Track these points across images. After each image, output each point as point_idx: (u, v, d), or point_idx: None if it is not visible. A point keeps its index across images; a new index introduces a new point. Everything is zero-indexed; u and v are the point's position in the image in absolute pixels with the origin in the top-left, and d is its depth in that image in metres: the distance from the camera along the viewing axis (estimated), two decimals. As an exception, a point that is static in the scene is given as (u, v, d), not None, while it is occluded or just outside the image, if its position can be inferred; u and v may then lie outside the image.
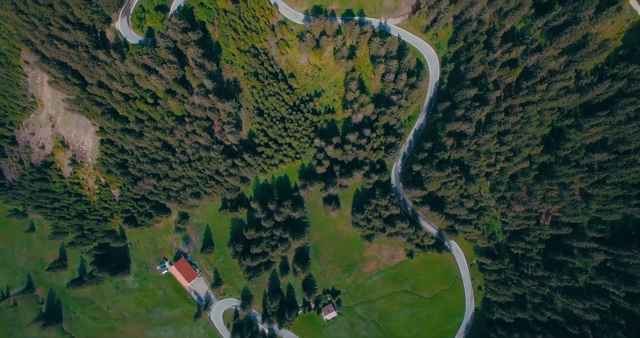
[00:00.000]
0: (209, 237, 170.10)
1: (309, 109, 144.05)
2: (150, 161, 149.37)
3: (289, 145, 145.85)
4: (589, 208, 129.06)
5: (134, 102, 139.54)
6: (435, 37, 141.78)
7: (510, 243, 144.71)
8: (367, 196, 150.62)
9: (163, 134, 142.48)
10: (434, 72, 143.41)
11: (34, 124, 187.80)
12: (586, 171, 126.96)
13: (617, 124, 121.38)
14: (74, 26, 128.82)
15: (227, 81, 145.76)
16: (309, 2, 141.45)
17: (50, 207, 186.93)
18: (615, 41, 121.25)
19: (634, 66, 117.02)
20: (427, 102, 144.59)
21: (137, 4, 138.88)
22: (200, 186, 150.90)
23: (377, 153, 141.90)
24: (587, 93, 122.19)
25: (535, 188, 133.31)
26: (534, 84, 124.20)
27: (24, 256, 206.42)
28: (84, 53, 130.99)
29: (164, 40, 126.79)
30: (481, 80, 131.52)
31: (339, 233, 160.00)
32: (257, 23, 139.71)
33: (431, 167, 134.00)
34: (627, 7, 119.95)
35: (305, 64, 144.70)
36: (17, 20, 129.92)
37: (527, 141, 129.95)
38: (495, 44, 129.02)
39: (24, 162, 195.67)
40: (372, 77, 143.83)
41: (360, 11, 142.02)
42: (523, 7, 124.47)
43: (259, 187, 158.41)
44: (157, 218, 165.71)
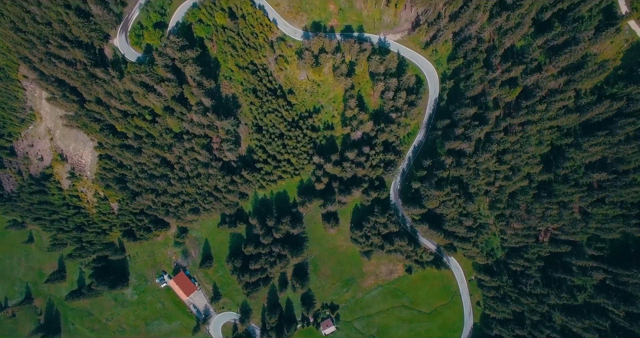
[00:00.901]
0: (207, 251, 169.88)
1: (307, 126, 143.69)
2: (149, 176, 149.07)
3: (287, 161, 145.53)
4: (588, 226, 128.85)
5: (132, 119, 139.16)
6: (434, 54, 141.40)
7: (509, 259, 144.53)
8: (366, 212, 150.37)
9: (161, 151, 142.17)
10: (434, 89, 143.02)
11: (33, 136, 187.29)
12: (585, 191, 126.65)
13: (617, 143, 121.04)
14: (72, 44, 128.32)
15: (226, 97, 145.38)
16: (308, 18, 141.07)
17: (49, 219, 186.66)
18: (615, 61, 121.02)
19: (633, 86, 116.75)
20: (426, 118, 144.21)
21: (135, 20, 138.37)
22: (199, 202, 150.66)
23: (376, 170, 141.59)
24: (586, 113, 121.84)
25: (535, 206, 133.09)
26: (533, 104, 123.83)
27: (23, 267, 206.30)
28: (82, 71, 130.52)
29: (162, 59, 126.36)
30: (481, 98, 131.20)
31: (338, 248, 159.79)
32: (255, 39, 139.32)
33: (430, 185, 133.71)
34: (626, 27, 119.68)
35: (304, 80, 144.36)
36: (16, 38, 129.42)
37: (526, 160, 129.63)
38: (495, 63, 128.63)
39: (22, 173, 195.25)
40: (371, 93, 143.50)
41: (360, 27, 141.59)
42: (523, 26, 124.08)
43: (258, 202, 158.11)
44: (155, 232, 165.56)
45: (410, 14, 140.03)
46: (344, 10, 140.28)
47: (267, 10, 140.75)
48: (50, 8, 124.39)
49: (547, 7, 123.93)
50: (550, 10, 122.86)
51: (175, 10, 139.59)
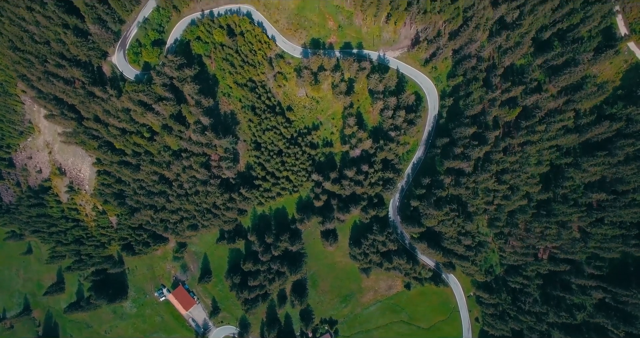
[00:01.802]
0: (206, 266, 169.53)
1: (306, 143, 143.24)
2: (147, 193, 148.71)
3: (286, 178, 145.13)
4: (587, 246, 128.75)
5: (130, 137, 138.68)
6: (434, 71, 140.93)
7: (507, 276, 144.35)
8: (365, 229, 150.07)
9: (160, 168, 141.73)
10: (433, 106, 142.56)
11: (31, 148, 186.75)
12: (585, 210, 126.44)
13: (616, 164, 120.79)
14: (70, 63, 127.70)
15: (224, 113, 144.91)
16: (307, 35, 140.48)
17: (48, 232, 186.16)
18: (614, 82, 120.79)
19: (632, 107, 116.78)
20: (425, 135, 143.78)
21: (133, 38, 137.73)
22: (198, 219, 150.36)
23: (375, 188, 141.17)
24: (586, 133, 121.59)
25: (533, 225, 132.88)
26: (533, 124, 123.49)
27: (21, 278, 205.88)
28: (80, 89, 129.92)
29: (160, 78, 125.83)
30: (480, 117, 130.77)
31: (337, 263, 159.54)
32: (254, 56, 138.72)
33: (429, 204, 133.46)
34: (625, 49, 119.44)
35: (303, 96, 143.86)
36: (14, 57, 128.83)
37: (525, 180, 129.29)
38: (494, 82, 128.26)
39: (21, 184, 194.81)
40: (371, 110, 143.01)
41: (359, 44, 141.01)
42: (522, 46, 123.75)
43: (257, 218, 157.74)
44: (154, 247, 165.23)
45: (409, 31, 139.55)
46: (343, 27, 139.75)
47: (266, 27, 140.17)
48: (49, 27, 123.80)
49: (547, 26, 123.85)
50: (550, 30, 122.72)
51: (174, 28, 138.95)
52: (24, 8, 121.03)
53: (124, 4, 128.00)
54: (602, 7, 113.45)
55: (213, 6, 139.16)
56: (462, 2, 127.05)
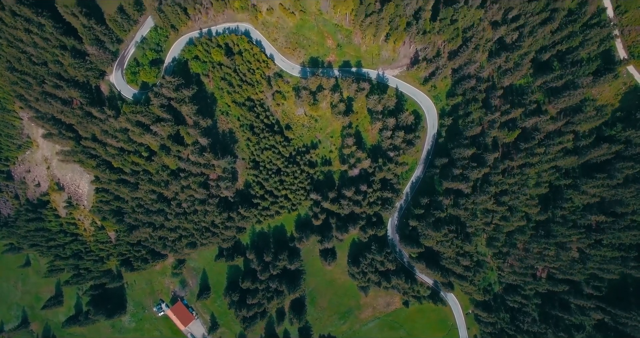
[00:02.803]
0: (205, 281, 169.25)
1: (305, 161, 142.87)
2: (146, 211, 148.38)
3: (284, 197, 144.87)
4: (585, 268, 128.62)
5: (128, 156, 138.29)
6: (433, 89, 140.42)
7: (506, 295, 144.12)
8: (363, 246, 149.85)
9: (158, 187, 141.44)
10: (432, 124, 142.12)
11: (30, 162, 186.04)
12: (584, 232, 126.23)
13: (615, 186, 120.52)
14: (67, 83, 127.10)
15: (223, 132, 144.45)
16: (306, 53, 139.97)
17: (46, 245, 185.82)
18: (613, 106, 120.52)
19: (631, 130, 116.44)
20: (424, 154, 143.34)
21: (131, 57, 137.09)
22: (196, 237, 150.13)
23: (374, 207, 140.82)
24: (585, 155, 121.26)
25: (532, 246, 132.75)
26: (532, 147, 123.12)
27: (19, 291, 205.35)
28: (78, 110, 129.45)
29: (158, 99, 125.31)
30: (479, 138, 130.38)
31: (335, 280, 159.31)
32: (252, 75, 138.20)
33: (427, 225, 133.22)
34: (624, 71, 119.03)
35: (302, 115, 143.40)
36: (12, 77, 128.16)
37: (524, 201, 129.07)
38: (494, 103, 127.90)
39: (19, 197, 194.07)
40: (370, 128, 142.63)
41: (358, 62, 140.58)
42: (522, 68, 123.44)
43: (255, 235, 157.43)
44: (153, 264, 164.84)
45: (409, 50, 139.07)
46: (342, 45, 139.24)
47: (264, 45, 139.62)
48: (46, 49, 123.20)
49: (547, 47, 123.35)
50: (549, 51, 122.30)
51: (172, 46, 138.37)
52: (22, 30, 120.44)
53: (121, 24, 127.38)
54: (601, 31, 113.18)
55: (211, 25, 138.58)
56: (461, 22, 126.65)
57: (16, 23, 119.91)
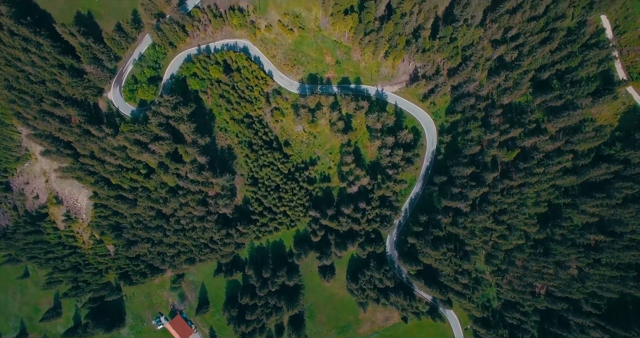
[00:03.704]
0: (204, 295, 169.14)
1: (304, 178, 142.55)
2: (144, 227, 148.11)
3: (283, 214, 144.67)
4: (584, 286, 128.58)
5: (126, 173, 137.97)
6: (432, 106, 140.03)
7: (505, 312, 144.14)
8: (362, 262, 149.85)
9: (157, 204, 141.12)
10: (431, 141, 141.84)
11: (28, 173, 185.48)
12: (582, 251, 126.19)
13: (614, 206, 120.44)
14: (66, 101, 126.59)
15: (221, 148, 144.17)
16: (305, 70, 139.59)
17: (44, 258, 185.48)
18: (612, 126, 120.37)
19: (630, 150, 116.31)
20: (423, 171, 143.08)
21: (129, 74, 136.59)
22: (195, 253, 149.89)
23: (372, 224, 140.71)
24: (584, 175, 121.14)
25: (531, 264, 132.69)
26: (531, 167, 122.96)
27: (18, 302, 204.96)
28: (76, 128, 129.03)
29: (156, 118, 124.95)
30: (478, 157, 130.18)
31: (334, 295, 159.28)
32: (250, 92, 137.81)
33: (426, 243, 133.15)
34: (623, 91, 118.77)
35: (300, 131, 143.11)
36: (9, 96, 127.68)
37: (523, 220, 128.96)
38: (493, 122, 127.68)
39: (18, 209, 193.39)
40: (369, 144, 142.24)
41: (357, 79, 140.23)
42: (521, 86, 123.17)
43: (254, 250, 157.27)
44: (151, 278, 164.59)
45: (408, 67, 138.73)
46: (341, 62, 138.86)
47: (263, 61, 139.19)
48: (44, 68, 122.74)
49: (546, 66, 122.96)
50: (549, 70, 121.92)
51: (170, 63, 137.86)
52: (20, 49, 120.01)
53: (119, 42, 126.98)
54: (600, 53, 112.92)
55: (209, 41, 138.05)
56: (460, 41, 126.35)
57: (14, 42, 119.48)
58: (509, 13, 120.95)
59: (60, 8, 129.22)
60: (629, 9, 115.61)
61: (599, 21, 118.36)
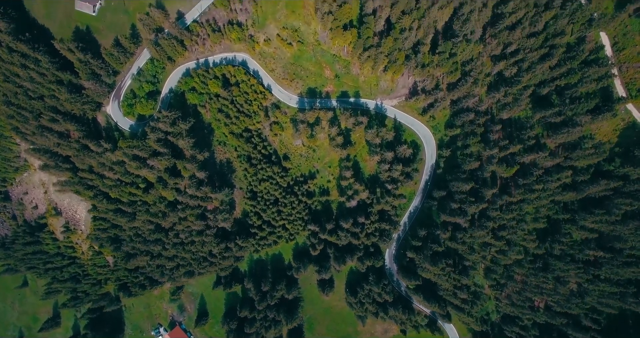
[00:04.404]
0: (203, 307, 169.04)
1: (302, 192, 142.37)
2: (143, 240, 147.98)
3: (282, 227, 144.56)
4: (584, 302, 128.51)
5: (125, 187, 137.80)
6: (432, 120, 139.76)
7: (504, 325, 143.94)
8: (361, 275, 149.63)
9: (156, 218, 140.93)
10: (431, 154, 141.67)
11: (27, 183, 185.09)
12: (582, 267, 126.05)
13: (614, 222, 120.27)
14: (64, 117, 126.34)
15: (220, 162, 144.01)
16: (304, 84, 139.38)
17: (43, 268, 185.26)
18: (611, 144, 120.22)
19: (629, 167, 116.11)
20: (423, 184, 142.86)
21: (127, 88, 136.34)
22: (194, 266, 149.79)
23: (371, 238, 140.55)
24: (584, 191, 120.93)
25: (530, 279, 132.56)
26: (530, 183, 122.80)
27: (16, 311, 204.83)
28: (75, 143, 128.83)
29: (155, 134, 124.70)
30: (477, 172, 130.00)
31: (333, 307, 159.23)
32: (249, 106, 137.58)
33: (425, 258, 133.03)
34: (622, 108, 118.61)
35: (300, 145, 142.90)
36: (8, 111, 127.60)
37: (522, 236, 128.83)
38: (492, 138, 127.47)
39: (17, 218, 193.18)
40: (368, 158, 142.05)
41: (356, 93, 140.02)
42: (521, 102, 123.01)
43: (253, 262, 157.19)
44: (150, 290, 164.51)
45: (407, 81, 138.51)
46: (340, 76, 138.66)
47: (262, 75, 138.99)
48: (42, 84, 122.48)
49: (546, 82, 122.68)
50: (548, 86, 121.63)
51: (168, 77, 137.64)
52: (18, 65, 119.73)
53: (117, 57, 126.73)
54: (599, 70, 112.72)
55: (208, 55, 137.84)
56: (460, 56, 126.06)
57: (13, 59, 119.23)
58: (509, 29, 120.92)
59: (58, 23, 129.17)
60: (627, 26, 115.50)
61: (598, 38, 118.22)
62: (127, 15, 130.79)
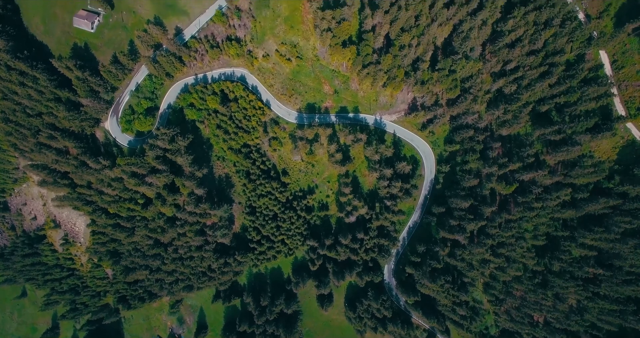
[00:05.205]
0: (202, 319, 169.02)
1: (301, 207, 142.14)
2: (142, 255, 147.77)
3: (281, 242, 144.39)
4: (583, 319, 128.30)
5: (124, 203, 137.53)
6: (431, 135, 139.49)
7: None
8: (360, 290, 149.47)
9: (154, 234, 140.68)
10: (430, 169, 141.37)
11: (26, 195, 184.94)
12: (581, 285, 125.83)
13: (613, 240, 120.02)
14: (62, 134, 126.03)
15: (219, 177, 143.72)
16: (302, 100, 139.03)
17: (42, 279, 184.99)
18: (610, 162, 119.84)
19: (628, 185, 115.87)
20: (422, 199, 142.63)
21: (126, 103, 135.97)
22: (193, 281, 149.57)
23: (370, 253, 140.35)
24: (583, 209, 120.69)
25: (529, 295, 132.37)
26: (529, 201, 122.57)
27: (15, 321, 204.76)
28: (73, 160, 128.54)
29: (153, 152, 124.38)
30: (476, 189, 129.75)
31: (332, 321, 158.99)
32: (248, 122, 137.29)
33: (424, 274, 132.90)
34: (622, 126, 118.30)
35: (298, 160, 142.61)
36: (6, 128, 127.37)
37: (521, 253, 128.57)
38: (491, 155, 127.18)
39: (16, 228, 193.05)
40: (367, 173, 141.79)
41: (355, 108, 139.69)
42: (520, 120, 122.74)
43: (252, 276, 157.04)
44: (150, 302, 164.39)
45: (407, 96, 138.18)
46: (339, 91, 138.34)
47: (260, 91, 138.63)
48: (41, 101, 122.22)
49: (545, 99, 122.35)
50: (548, 104, 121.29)
51: (167, 93, 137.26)
52: (17, 83, 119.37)
53: (115, 74, 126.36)
54: (599, 89, 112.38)
55: (206, 70, 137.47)
56: (460, 73, 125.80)
57: (11, 76, 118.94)
58: (508, 46, 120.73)
59: (57, 40, 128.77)
60: (626, 44, 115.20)
61: (597, 56, 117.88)
62: (126, 31, 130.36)
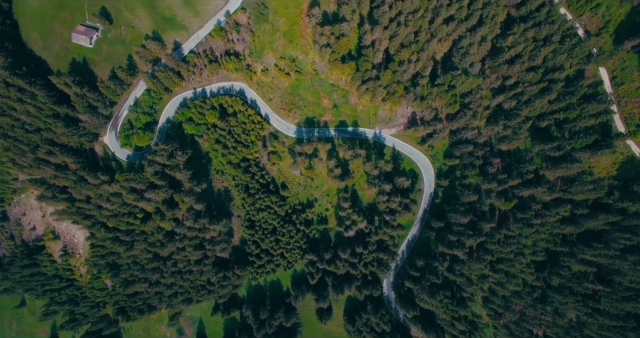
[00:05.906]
0: (202, 330, 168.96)
1: (301, 220, 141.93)
2: (141, 268, 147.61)
3: (280, 256, 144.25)
4: (582, 335, 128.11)
5: (123, 217, 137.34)
6: (430, 149, 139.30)
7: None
8: (359, 303, 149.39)
9: (154, 247, 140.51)
10: (429, 183, 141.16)
11: (25, 205, 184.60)
12: (580, 300, 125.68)
13: (613, 256, 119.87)
14: (61, 149, 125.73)
15: (218, 191, 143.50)
16: (302, 114, 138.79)
17: (41, 290, 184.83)
18: (609, 180, 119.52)
19: (627, 202, 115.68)
20: (421, 213, 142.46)
21: (124, 118, 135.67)
22: (192, 294, 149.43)
23: (369, 267, 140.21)
24: (582, 225, 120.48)
25: (529, 310, 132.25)
26: (529, 218, 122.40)
27: (14, 331, 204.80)
28: (72, 175, 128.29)
29: (152, 167, 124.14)
30: (476, 205, 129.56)
31: (331, 333, 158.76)
32: (247, 136, 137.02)
33: (423, 289, 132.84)
34: (621, 142, 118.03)
35: (298, 174, 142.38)
36: (5, 144, 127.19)
37: (520, 269, 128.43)
38: (491, 171, 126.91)
39: (15, 238, 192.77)
40: (366, 187, 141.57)
41: (354, 122, 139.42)
42: (520, 136, 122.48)
43: (252, 288, 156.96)
44: (149, 314, 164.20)
45: (406, 110, 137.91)
46: (339, 105, 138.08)
47: (259, 105, 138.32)
48: (39, 117, 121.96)
49: (545, 115, 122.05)
50: (547, 120, 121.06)
51: (165, 107, 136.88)
52: (15, 99, 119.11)
53: (114, 89, 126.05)
54: (598, 106, 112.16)
55: (205, 84, 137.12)
56: (459, 89, 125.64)
57: (9, 93, 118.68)
58: (508, 62, 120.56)
59: (55, 55, 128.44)
60: (625, 61, 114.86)
61: (597, 72, 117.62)
62: (124, 46, 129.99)
